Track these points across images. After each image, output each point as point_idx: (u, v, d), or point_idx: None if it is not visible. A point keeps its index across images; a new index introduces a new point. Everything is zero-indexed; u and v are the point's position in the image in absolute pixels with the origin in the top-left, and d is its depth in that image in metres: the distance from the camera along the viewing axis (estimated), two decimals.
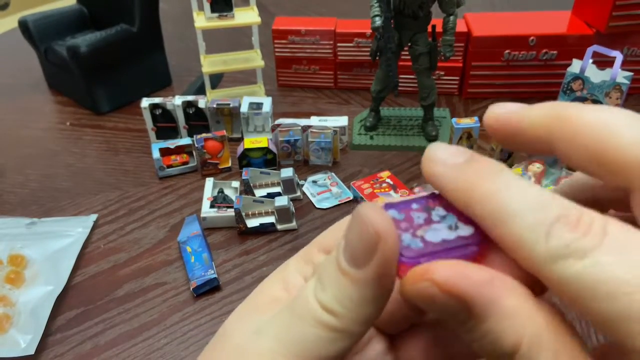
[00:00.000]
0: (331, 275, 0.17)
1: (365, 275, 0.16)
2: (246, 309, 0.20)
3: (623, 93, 0.75)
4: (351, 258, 0.16)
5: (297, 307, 0.17)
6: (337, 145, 0.76)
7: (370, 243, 0.16)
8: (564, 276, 0.14)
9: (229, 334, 0.19)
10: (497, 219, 0.15)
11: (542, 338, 0.15)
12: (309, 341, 0.17)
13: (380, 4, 0.69)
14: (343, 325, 0.17)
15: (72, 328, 0.55)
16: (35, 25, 0.92)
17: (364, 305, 0.16)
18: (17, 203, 0.72)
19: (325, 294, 0.17)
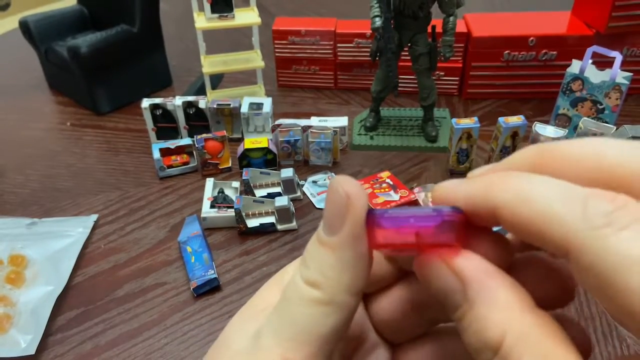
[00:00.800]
0: (312, 251, 0.18)
1: (340, 239, 0.17)
2: (244, 315, 0.20)
3: (622, 93, 0.75)
4: (327, 226, 0.17)
5: (286, 295, 0.18)
6: (337, 146, 0.76)
7: (341, 206, 0.17)
8: (600, 246, 0.13)
9: (229, 342, 0.19)
10: (522, 200, 0.15)
11: (528, 339, 0.14)
12: (301, 321, 0.17)
13: (380, 4, 0.69)
14: (328, 296, 0.17)
15: (73, 328, 0.55)
16: (36, 26, 0.92)
17: (344, 270, 0.17)
18: (17, 203, 0.72)
19: (308, 269, 0.17)
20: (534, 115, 0.85)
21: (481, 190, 0.16)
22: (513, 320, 0.15)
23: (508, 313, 0.15)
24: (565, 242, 0.14)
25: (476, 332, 0.15)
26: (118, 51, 0.89)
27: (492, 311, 0.15)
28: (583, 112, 0.79)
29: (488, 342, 0.15)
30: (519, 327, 0.15)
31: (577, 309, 0.55)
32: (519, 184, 0.15)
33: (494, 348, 0.15)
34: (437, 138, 0.80)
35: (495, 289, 0.15)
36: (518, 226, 0.15)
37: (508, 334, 0.15)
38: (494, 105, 0.90)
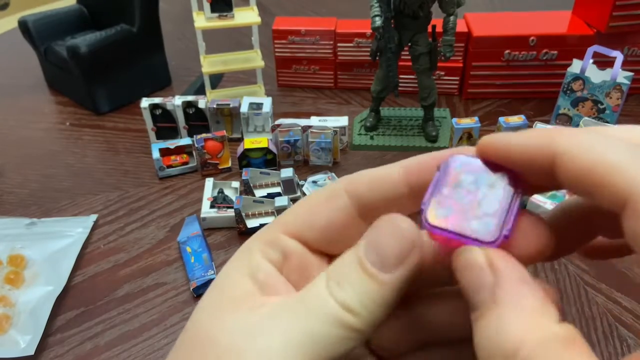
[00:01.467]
0: (353, 277, 0.17)
1: (392, 278, 0.17)
2: (219, 305, 0.19)
3: (623, 93, 0.75)
4: (381, 262, 0.17)
5: (311, 304, 0.17)
6: (337, 146, 0.76)
7: (404, 250, 0.17)
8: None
9: (213, 336, 0.18)
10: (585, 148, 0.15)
11: (546, 350, 0.14)
12: (325, 340, 0.17)
13: (380, 4, 0.69)
14: (361, 326, 0.17)
15: (72, 328, 0.55)
16: (35, 26, 0.92)
17: (384, 307, 0.17)
18: (16, 203, 0.72)
19: (345, 293, 0.17)
20: (535, 115, 0.85)
21: (541, 139, 0.16)
22: (535, 330, 0.14)
23: (531, 322, 0.15)
24: (626, 191, 0.14)
25: (494, 333, 0.15)
26: (117, 51, 0.88)
27: (517, 315, 0.15)
28: (584, 112, 0.78)
29: (504, 345, 0.15)
30: (540, 338, 0.14)
31: (578, 309, 0.55)
32: (581, 133, 0.16)
33: (508, 354, 0.14)
34: (438, 138, 0.80)
35: (524, 295, 0.15)
36: (578, 174, 0.15)
37: (526, 344, 0.14)
38: (495, 105, 0.90)
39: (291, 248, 0.20)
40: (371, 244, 0.18)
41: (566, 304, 0.55)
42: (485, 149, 0.18)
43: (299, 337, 0.17)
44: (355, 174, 0.20)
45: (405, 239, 0.17)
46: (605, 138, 0.15)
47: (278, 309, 0.18)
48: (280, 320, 0.17)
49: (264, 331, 0.17)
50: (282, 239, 0.20)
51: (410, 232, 0.17)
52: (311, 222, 0.20)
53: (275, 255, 0.20)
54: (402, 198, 0.19)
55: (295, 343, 0.17)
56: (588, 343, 0.15)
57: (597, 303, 0.55)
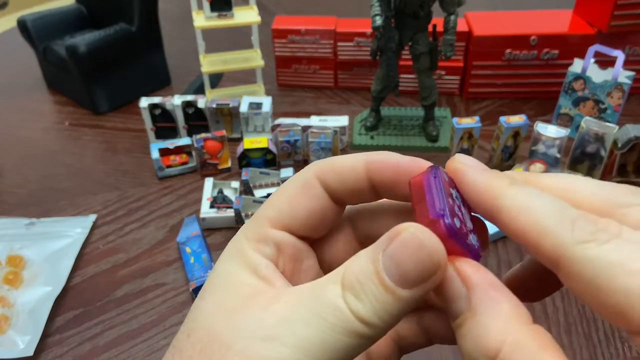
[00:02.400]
0: (372, 291, 0.17)
1: (412, 295, 0.17)
2: (229, 305, 0.18)
3: (625, 93, 0.74)
4: (401, 279, 0.17)
5: (326, 314, 0.17)
6: (338, 146, 0.76)
7: (428, 271, 0.17)
8: (586, 256, 0.15)
9: (225, 339, 0.17)
10: (522, 211, 0.17)
11: (524, 350, 0.15)
12: (338, 350, 0.17)
13: (380, 3, 0.69)
14: (374, 335, 0.17)
15: (71, 329, 0.55)
16: (34, 25, 0.91)
17: (398, 318, 0.18)
18: (15, 203, 0.72)
19: (363, 306, 0.17)
20: (536, 115, 0.85)
21: (488, 191, 0.18)
22: (512, 332, 0.16)
23: (508, 324, 0.16)
24: (556, 253, 0.16)
25: (475, 338, 0.16)
26: (117, 50, 0.88)
27: (494, 320, 0.16)
28: (585, 112, 0.78)
29: (486, 350, 0.16)
30: (517, 339, 0.15)
31: (579, 310, 0.54)
32: (522, 193, 0.17)
33: (491, 357, 0.15)
34: (438, 138, 0.79)
35: (498, 300, 0.16)
36: (515, 233, 0.17)
37: (506, 345, 0.15)
38: (496, 105, 0.89)
39: (283, 240, 0.20)
40: (391, 256, 0.17)
41: (567, 305, 0.55)
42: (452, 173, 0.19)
43: (315, 348, 0.17)
44: (323, 161, 0.21)
45: (430, 260, 0.17)
46: (541, 199, 0.17)
47: (293, 313, 0.17)
48: (296, 328, 0.17)
49: (279, 338, 0.17)
50: (272, 233, 0.20)
51: (437, 254, 0.17)
52: (293, 213, 0.21)
53: (270, 250, 0.20)
54: (364, 190, 0.21)
55: (311, 353, 0.17)
56: (589, 344, 0.16)
57: None
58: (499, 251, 0.60)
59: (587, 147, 0.68)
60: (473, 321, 0.16)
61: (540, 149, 0.69)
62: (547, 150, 0.68)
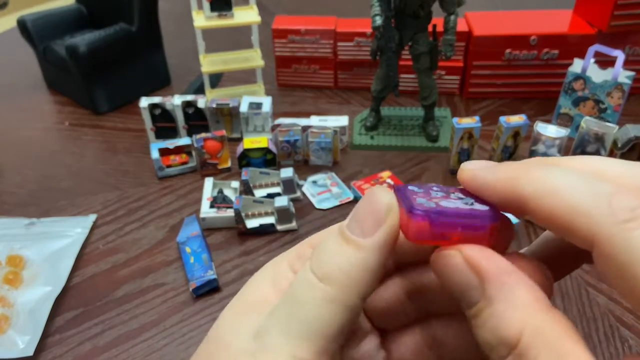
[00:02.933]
0: (332, 248, 0.18)
1: (371, 242, 0.18)
2: (236, 310, 0.19)
3: (625, 93, 0.74)
4: (359, 228, 0.18)
5: (295, 292, 0.18)
6: (337, 145, 0.76)
7: (380, 212, 0.18)
8: (626, 237, 0.14)
9: (227, 339, 0.18)
10: (548, 193, 0.16)
11: (544, 337, 0.15)
12: (312, 320, 0.17)
13: (380, 3, 0.69)
14: (344, 295, 0.17)
15: (71, 329, 0.55)
16: (34, 25, 0.91)
17: (364, 273, 0.17)
18: (15, 203, 0.72)
19: (325, 264, 0.18)
20: (536, 115, 0.85)
21: (508, 183, 0.17)
22: (531, 318, 0.15)
23: (526, 311, 0.15)
24: (591, 234, 0.15)
25: (493, 328, 0.16)
26: (117, 50, 0.88)
27: (511, 309, 0.15)
28: (585, 112, 0.78)
29: (505, 339, 0.15)
30: (536, 325, 0.15)
31: (580, 310, 0.54)
32: (544, 175, 0.16)
33: (511, 345, 0.15)
34: (438, 138, 0.79)
35: (514, 287, 0.16)
36: (545, 218, 0.16)
37: (525, 332, 0.15)
38: (495, 105, 0.89)
39: None
40: (353, 217, 0.18)
41: (567, 305, 0.55)
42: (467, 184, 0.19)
43: (295, 329, 0.17)
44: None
45: (380, 203, 0.18)
46: (566, 177, 0.16)
47: (278, 304, 0.18)
48: (276, 315, 0.18)
49: (267, 330, 0.17)
50: (308, 252, 0.20)
51: (386, 197, 0.18)
52: None
53: (300, 266, 0.20)
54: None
55: (293, 335, 0.17)
56: (589, 344, 0.15)
57: (599, 304, 0.55)
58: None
59: (587, 147, 0.68)
60: (489, 311, 0.16)
61: (540, 149, 0.69)
62: (547, 150, 0.68)
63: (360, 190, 0.69)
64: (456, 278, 0.17)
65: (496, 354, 0.15)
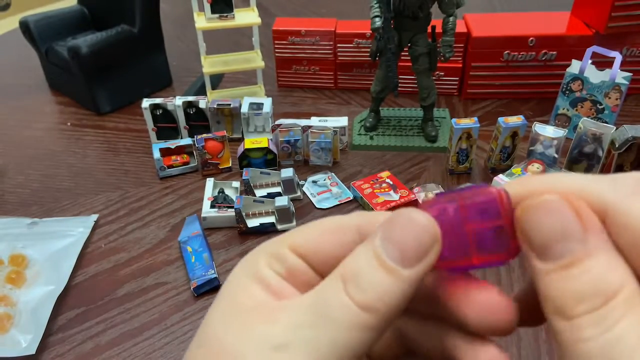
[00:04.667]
0: (373, 276, 0.17)
1: (413, 273, 0.17)
2: (235, 316, 0.18)
3: (622, 93, 0.75)
4: (401, 258, 0.17)
5: (330, 312, 0.17)
6: (337, 146, 0.76)
7: (426, 245, 0.17)
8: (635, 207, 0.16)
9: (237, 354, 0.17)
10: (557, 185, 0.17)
11: (636, 298, 0.15)
12: (346, 344, 0.17)
13: (380, 4, 0.69)
14: (379, 323, 0.17)
15: (73, 328, 0.55)
16: (36, 26, 0.92)
17: (402, 301, 0.17)
18: (18, 203, 0.72)
19: (366, 294, 0.17)
20: (534, 115, 0.85)
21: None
22: (629, 275, 0.16)
23: (625, 268, 0.16)
24: (604, 208, 0.16)
25: (593, 279, 0.15)
26: (118, 51, 0.89)
27: (614, 262, 0.16)
28: (583, 112, 0.79)
29: (606, 289, 0.15)
30: (634, 282, 0.15)
31: None
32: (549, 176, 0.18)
33: (610, 296, 0.15)
34: (437, 138, 0.80)
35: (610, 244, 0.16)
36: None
37: (627, 286, 0.15)
38: (494, 105, 0.90)
39: (296, 265, 0.20)
40: (389, 239, 0.18)
41: None
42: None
43: (325, 348, 0.17)
44: (370, 213, 0.21)
45: (427, 233, 0.17)
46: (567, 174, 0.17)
47: (300, 318, 0.17)
48: (304, 332, 0.17)
49: (290, 345, 0.17)
50: (288, 255, 0.20)
51: (432, 227, 0.18)
52: (317, 248, 0.20)
53: (281, 269, 0.20)
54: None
55: (321, 355, 0.17)
56: None
57: None
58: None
59: (585, 148, 0.69)
60: (591, 263, 0.15)
61: (538, 149, 0.69)
62: (545, 151, 0.69)
63: (360, 190, 0.69)
64: (559, 224, 0.16)
65: (587, 306, 0.15)
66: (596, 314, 0.15)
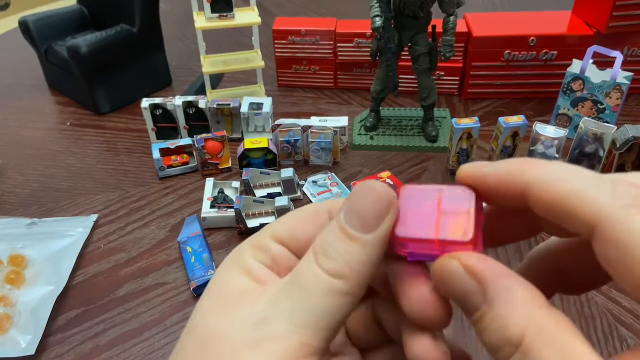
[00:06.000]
0: (337, 244, 0.19)
1: (374, 237, 0.18)
2: (221, 301, 0.19)
3: (623, 93, 0.75)
4: (361, 224, 0.19)
5: (304, 283, 0.18)
6: (337, 146, 0.76)
7: (382, 209, 0.19)
8: (628, 220, 0.15)
9: (220, 331, 0.18)
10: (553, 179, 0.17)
11: (546, 333, 0.15)
12: (322, 311, 0.18)
13: (380, 4, 0.69)
14: (351, 288, 0.18)
15: (73, 328, 0.55)
16: (36, 26, 0.92)
17: (369, 265, 0.19)
18: (17, 203, 0.72)
19: (334, 262, 0.18)
20: (535, 115, 0.85)
21: (513, 170, 0.18)
22: (532, 317, 0.16)
23: (527, 310, 0.16)
24: (594, 217, 0.15)
25: (497, 330, 0.16)
26: (118, 51, 0.88)
27: (512, 310, 0.16)
28: (583, 112, 0.78)
29: (510, 338, 0.16)
30: (537, 322, 0.16)
31: (578, 309, 0.55)
32: (547, 165, 0.17)
33: (516, 344, 0.16)
34: (437, 138, 0.80)
35: (512, 288, 0.16)
36: (549, 203, 0.17)
37: (528, 330, 0.15)
38: (494, 105, 0.90)
39: (279, 253, 0.21)
40: (350, 210, 0.19)
41: (566, 304, 0.55)
42: (463, 177, 0.19)
43: (302, 317, 0.18)
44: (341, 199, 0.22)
45: (382, 199, 0.19)
46: (568, 167, 0.17)
47: (277, 294, 0.19)
48: (280, 304, 0.18)
49: (270, 318, 0.18)
50: (271, 244, 0.21)
51: (386, 192, 0.19)
52: (296, 235, 0.21)
53: (266, 259, 0.21)
54: None
55: (300, 323, 0.18)
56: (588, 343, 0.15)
57: (597, 303, 0.55)
58: (497, 250, 0.60)
59: (586, 147, 0.69)
60: (492, 314, 0.16)
61: (538, 149, 0.69)
62: (545, 151, 0.68)
63: None
64: (457, 285, 0.17)
65: (502, 354, 0.16)
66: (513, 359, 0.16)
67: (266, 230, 0.22)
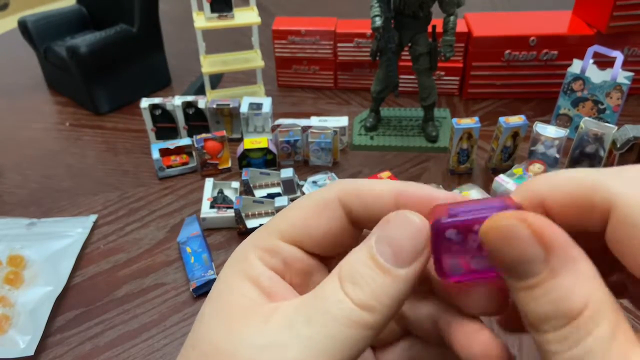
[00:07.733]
0: (367, 275, 0.17)
1: (407, 273, 0.18)
2: (229, 317, 0.18)
3: (624, 93, 0.75)
4: (395, 257, 0.18)
5: (326, 309, 0.17)
6: (337, 146, 0.76)
7: (419, 245, 0.18)
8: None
9: (229, 353, 0.17)
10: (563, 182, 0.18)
11: (606, 307, 0.15)
12: (343, 342, 0.17)
13: (380, 4, 0.69)
14: (376, 322, 0.17)
15: (72, 329, 0.55)
16: (35, 26, 0.92)
17: (398, 301, 0.17)
18: (16, 203, 0.72)
19: (362, 292, 0.17)
20: (535, 115, 0.85)
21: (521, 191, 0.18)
22: (596, 290, 0.15)
23: (592, 284, 0.16)
24: (609, 199, 0.16)
25: (556, 300, 0.15)
26: (117, 51, 0.88)
27: (578, 281, 0.15)
28: (584, 112, 0.78)
29: (571, 310, 0.15)
30: (600, 297, 0.15)
31: None
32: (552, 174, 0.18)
33: (573, 316, 0.15)
34: (438, 138, 0.80)
35: (578, 259, 0.16)
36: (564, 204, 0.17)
37: (591, 303, 0.15)
38: (495, 105, 0.90)
39: (291, 254, 0.20)
40: (384, 239, 0.18)
41: None
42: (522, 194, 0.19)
43: (320, 345, 0.17)
44: (348, 183, 0.21)
45: (419, 234, 0.18)
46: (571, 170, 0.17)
47: (294, 317, 0.17)
48: (298, 329, 0.17)
49: (285, 343, 0.17)
50: (281, 247, 0.20)
51: (424, 226, 0.18)
52: (307, 231, 0.20)
53: (276, 263, 0.20)
54: None
55: (317, 351, 0.17)
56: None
57: None
58: None
59: (586, 148, 0.69)
60: (553, 282, 0.16)
61: (539, 150, 0.69)
62: (546, 151, 0.68)
63: None
64: (518, 250, 0.16)
65: (551, 325, 0.15)
66: (560, 333, 0.15)
67: (272, 230, 0.20)
